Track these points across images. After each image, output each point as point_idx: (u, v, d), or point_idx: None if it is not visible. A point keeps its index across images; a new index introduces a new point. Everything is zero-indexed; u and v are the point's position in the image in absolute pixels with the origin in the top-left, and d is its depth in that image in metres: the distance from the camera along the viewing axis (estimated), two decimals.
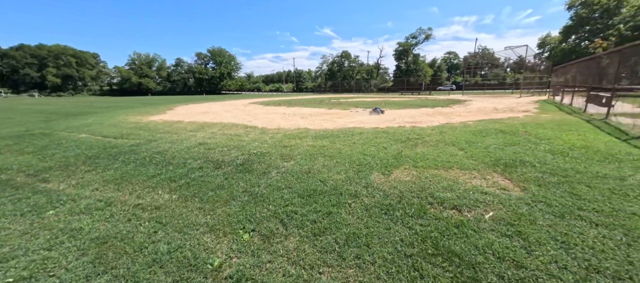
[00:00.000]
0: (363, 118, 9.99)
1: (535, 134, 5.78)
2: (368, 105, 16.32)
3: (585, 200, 2.63)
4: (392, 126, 7.55)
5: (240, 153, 4.77)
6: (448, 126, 7.26)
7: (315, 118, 10.38)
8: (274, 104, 20.10)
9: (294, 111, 13.74)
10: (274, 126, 8.13)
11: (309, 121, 9.23)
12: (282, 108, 16.26)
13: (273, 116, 11.49)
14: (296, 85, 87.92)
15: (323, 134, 6.40)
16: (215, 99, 32.73)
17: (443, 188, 2.99)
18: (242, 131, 7.39)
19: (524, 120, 8.20)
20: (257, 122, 9.37)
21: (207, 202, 2.89)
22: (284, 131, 7.18)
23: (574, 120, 8.01)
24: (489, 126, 7.04)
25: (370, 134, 6.26)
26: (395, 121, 8.72)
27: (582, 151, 4.38)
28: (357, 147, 5.01)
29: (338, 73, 69.64)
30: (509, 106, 14.01)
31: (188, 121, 9.99)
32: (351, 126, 7.86)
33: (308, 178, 3.44)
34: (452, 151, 4.59)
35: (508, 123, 7.59)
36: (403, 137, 5.84)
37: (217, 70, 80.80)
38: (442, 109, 12.93)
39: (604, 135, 5.72)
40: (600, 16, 42.08)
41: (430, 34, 58.20)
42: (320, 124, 8.33)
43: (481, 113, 11.16)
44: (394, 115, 10.63)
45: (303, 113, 12.65)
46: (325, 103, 19.44)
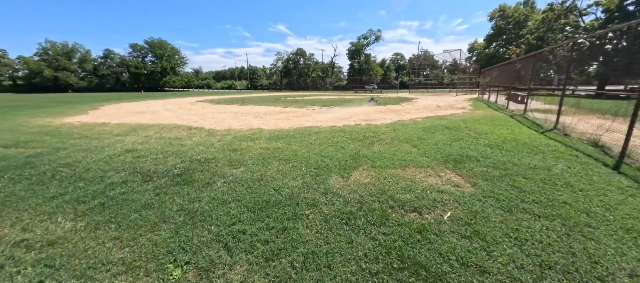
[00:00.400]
0: (320, 116, 9.83)
1: (474, 130, 6.34)
2: (324, 103, 16.32)
3: (525, 192, 2.82)
4: (349, 124, 7.53)
5: (179, 161, 4.07)
6: (400, 124, 7.54)
7: (269, 117, 9.84)
8: (225, 102, 18.69)
9: (247, 109, 12.88)
10: (223, 127, 7.37)
11: (263, 121, 8.67)
12: (234, 106, 15.16)
13: (223, 115, 10.53)
14: (250, 82, 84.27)
15: (278, 135, 5.99)
16: (156, 97, 29.08)
17: (402, 189, 2.92)
18: (184, 133, 6.48)
19: (463, 116, 9.05)
20: (204, 122, 8.41)
21: (127, 229, 2.27)
22: (234, 132, 6.52)
23: (501, 116, 9.15)
24: (436, 123, 7.54)
25: (327, 134, 6.08)
26: (351, 119, 8.76)
27: (513, 144, 4.89)
28: (314, 148, 4.75)
29: (294, 71, 68.94)
30: (449, 103, 15.52)
31: (116, 123, 8.45)
32: (308, 125, 7.59)
33: (260, 187, 3.04)
34: (406, 148, 4.67)
35: (451, 119, 8.25)
36: (360, 135, 5.80)
37: (158, 64, 72.12)
38: (393, 107, 13.62)
39: (526, 128, 6.59)
40: (513, 27, 50.10)
41: (379, 36, 61.72)
42: (275, 124, 7.87)
43: (427, 110, 12.05)
44: (350, 113, 10.74)
45: (257, 111, 11.94)
46: (281, 101, 18.85)
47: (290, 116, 9.87)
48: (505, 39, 51.51)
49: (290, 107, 14.05)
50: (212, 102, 19.02)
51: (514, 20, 49.57)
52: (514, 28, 50.61)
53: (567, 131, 6.08)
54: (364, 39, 62.80)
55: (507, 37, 51.48)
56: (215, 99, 23.61)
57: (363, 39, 62.89)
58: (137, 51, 74.49)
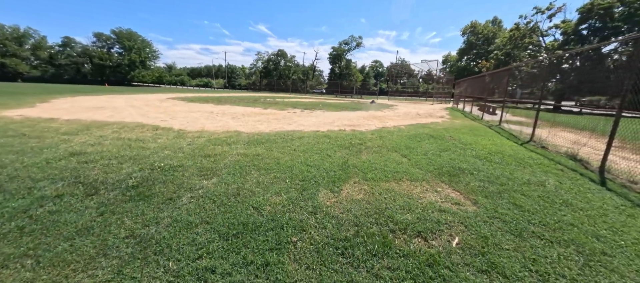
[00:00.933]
0: (302, 119, 9.40)
1: (459, 140, 6.30)
2: (306, 106, 15.92)
3: (528, 211, 2.63)
4: (333, 130, 7.19)
5: (136, 168, 3.41)
6: (385, 130, 7.36)
7: (248, 118, 9.21)
8: (200, 100, 17.54)
9: (223, 109, 12.07)
10: (195, 128, 6.65)
11: (241, 122, 8.04)
12: (209, 105, 14.20)
13: (196, 114, 9.69)
14: (228, 81, 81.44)
15: (258, 139, 5.46)
16: (121, 92, 26.70)
17: (401, 208, 2.59)
18: (149, 134, 5.70)
19: (444, 125, 9.14)
20: (173, 122, 7.59)
21: (49, 267, 1.67)
22: (208, 134, 5.87)
23: (480, 126, 9.39)
24: (420, 131, 7.46)
25: (311, 139, 5.67)
26: (335, 124, 8.44)
27: (499, 156, 4.84)
28: (298, 155, 4.31)
29: (274, 72, 67.77)
30: (427, 111, 15.90)
31: (66, 120, 7.33)
32: (290, 129, 7.13)
33: (236, 205, 2.54)
34: (396, 158, 4.41)
35: (433, 128, 8.26)
36: (346, 142, 5.46)
37: (125, 56, 66.96)
38: (374, 113, 13.59)
39: (506, 140, 6.70)
40: (482, 43, 53.69)
41: (360, 42, 62.90)
42: (254, 127, 7.30)
43: (408, 117, 12.14)
44: (332, 117, 10.44)
45: (234, 112, 11.20)
46: (261, 102, 18.12)
47: (270, 119, 9.33)
48: (476, 54, 55.06)
49: (270, 108, 13.45)
50: (185, 100, 17.77)
51: (484, 37, 53.20)
52: (484, 44, 54.30)
53: (544, 144, 6.27)
54: (346, 45, 63.64)
55: (477, 52, 55.06)
56: (189, 97, 22.18)
57: (344, 44, 63.70)
58: (103, 41, 68.62)
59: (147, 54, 71.81)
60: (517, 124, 10.30)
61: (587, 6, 22.32)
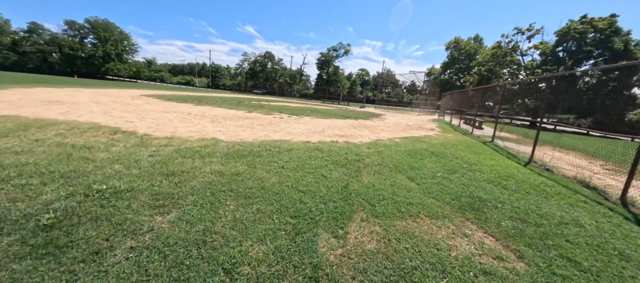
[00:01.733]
0: (289, 126, 8.61)
1: (461, 158, 5.81)
2: (293, 111, 15.13)
3: (590, 271, 2.03)
4: (324, 141, 6.47)
5: (64, 193, 2.47)
6: (381, 144, 6.75)
7: (229, 122, 8.28)
8: (178, 99, 16.20)
9: (202, 110, 11.00)
10: (165, 133, 5.66)
11: (221, 127, 7.12)
12: (187, 105, 13.01)
13: (171, 116, 8.60)
14: (212, 81, 78.81)
15: (239, 151, 4.61)
16: (90, 85, 24.46)
17: (432, 268, 1.89)
18: (103, 139, 4.66)
19: (439, 139, 8.74)
20: (140, 124, 6.52)
21: None
22: (179, 142, 4.93)
23: (474, 141, 9.08)
24: (417, 146, 6.94)
25: (301, 153, 4.91)
26: (325, 133, 7.74)
27: (511, 181, 4.35)
28: (287, 176, 3.54)
29: (261, 74, 66.36)
30: (416, 123, 15.67)
31: (4, 115, 6.05)
32: (277, 138, 6.32)
33: (199, 264, 1.72)
34: (403, 181, 3.76)
35: (430, 143, 7.79)
36: (342, 158, 4.76)
37: (100, 48, 62.70)
38: (365, 122, 13.08)
39: (507, 160, 6.32)
40: (464, 58, 55.87)
41: (349, 50, 63.30)
42: (235, 133, 6.41)
43: (399, 128, 11.73)
44: (322, 125, 9.74)
45: (215, 114, 10.19)
46: (245, 105, 17.09)
47: (254, 124, 8.45)
48: (458, 68, 57.19)
49: (254, 112, 12.53)
50: (162, 98, 16.35)
51: (466, 52, 55.40)
52: (465, 59, 56.57)
53: (547, 166, 5.94)
54: (334, 51, 63.73)
55: (459, 67, 57.22)
56: (167, 94, 20.62)
57: (333, 51, 63.77)
58: (75, 29, 63.94)
59: (124, 47, 67.76)
60: (506, 140, 10.18)
61: (564, 29, 23.54)
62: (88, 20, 62.74)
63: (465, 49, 55.22)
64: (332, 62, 63.57)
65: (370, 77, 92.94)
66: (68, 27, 63.47)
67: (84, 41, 64.50)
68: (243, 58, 70.32)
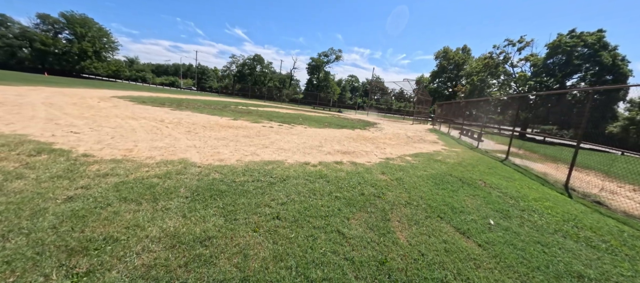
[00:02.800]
0: (281, 138, 7.30)
1: (497, 188, 4.73)
2: (283, 118, 13.80)
3: None
4: (326, 161, 5.22)
5: None
6: (395, 166, 5.58)
7: (210, 134, 6.86)
8: (155, 102, 14.47)
9: (179, 117, 9.47)
10: (117, 151, 4.21)
11: (197, 141, 5.70)
12: (163, 109, 11.41)
13: (137, 124, 7.07)
14: (198, 82, 76.02)
15: (214, 184, 3.26)
16: (57, 83, 22.04)
17: None
18: (12, 165, 3.18)
19: (452, 157, 7.70)
20: (89, 136, 5.01)
21: None
22: (130, 166, 3.52)
23: (489, 160, 8.12)
24: (436, 168, 5.83)
25: (302, 184, 3.63)
26: (324, 149, 6.50)
27: (585, 230, 3.27)
28: (288, 241, 2.25)
29: (249, 77, 64.47)
30: (416, 134, 14.75)
31: None
32: (267, 156, 5.01)
33: None
34: (455, 238, 2.56)
35: (445, 162, 6.73)
36: (355, 193, 3.53)
37: (75, 44, 58.77)
38: (363, 133, 11.98)
39: (543, 187, 5.32)
40: (453, 68, 56.72)
41: (340, 56, 62.79)
42: (214, 150, 5.04)
43: (401, 140, 10.70)
44: (318, 137, 8.49)
45: (193, 122, 8.71)
46: (230, 110, 15.59)
47: (239, 136, 7.08)
48: (447, 77, 57.95)
49: (241, 119, 11.11)
50: (136, 100, 14.56)
51: (455, 62, 56.28)
52: (454, 69, 57.44)
53: (595, 198, 4.97)
54: (325, 57, 63.02)
55: (448, 76, 58.00)
56: (144, 96, 18.72)
57: (324, 56, 63.05)
58: (49, 24, 59.73)
59: (103, 45, 63.98)
60: (514, 155, 9.34)
61: (554, 43, 23.75)
62: (63, 14, 58.81)
63: (454, 59, 56.10)
64: (323, 68, 62.79)
65: (360, 84, 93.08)
66: (41, 21, 59.20)
67: (58, 37, 60.34)
68: (231, 60, 68.13)
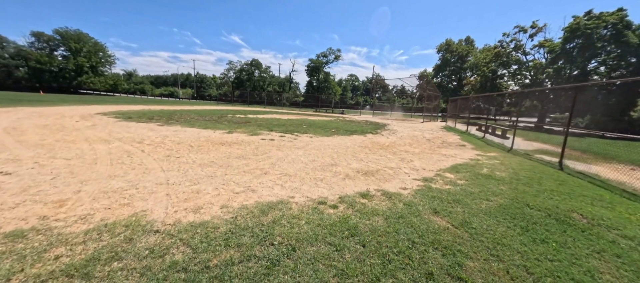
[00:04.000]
0: (284, 157, 5.84)
1: (608, 226, 3.21)
2: (285, 127, 12.35)
3: None
4: (349, 195, 3.75)
5: None
6: (442, 195, 4.07)
7: (194, 158, 5.42)
8: (143, 117, 13.12)
9: (164, 135, 8.06)
10: (35, 209, 2.76)
11: (174, 173, 4.25)
12: (149, 125, 10.04)
13: (101, 148, 5.64)
14: (197, 92, 75.05)
15: (173, 279, 1.81)
16: (42, 102, 20.89)
17: None
18: None
19: (497, 168, 6.17)
20: (12, 177, 3.59)
21: None
22: (39, 240, 2.07)
23: (543, 168, 6.56)
24: (497, 192, 4.32)
25: (321, 253, 2.16)
26: (339, 171, 5.02)
27: None
28: None
29: (247, 83, 63.27)
30: (433, 134, 13.20)
31: None
32: (265, 195, 3.53)
33: None
34: None
35: (504, 180, 5.21)
36: (414, 264, 2.05)
37: (71, 60, 58.05)
38: (376, 139, 10.49)
39: None
40: (456, 60, 54.94)
41: (339, 55, 61.41)
42: (191, 189, 3.58)
43: (423, 146, 9.18)
44: (328, 151, 7.01)
45: (179, 140, 7.29)
46: (227, 121, 14.19)
47: (232, 158, 5.64)
48: (451, 70, 56.16)
49: (237, 132, 9.69)
50: (122, 116, 13.23)
51: (458, 54, 54.49)
52: (458, 61, 55.64)
53: None
54: (324, 57, 61.63)
55: (452, 69, 56.21)
56: (135, 110, 17.42)
57: (322, 57, 61.66)
58: (43, 41, 59.20)
59: (99, 59, 63.30)
60: (572, 159, 7.76)
61: (572, 25, 22.06)
62: (57, 31, 58.23)
63: (457, 51, 54.34)
64: (323, 69, 61.40)
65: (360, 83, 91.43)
66: (35, 39, 58.70)
67: (54, 54, 59.77)
68: (228, 67, 67.03)
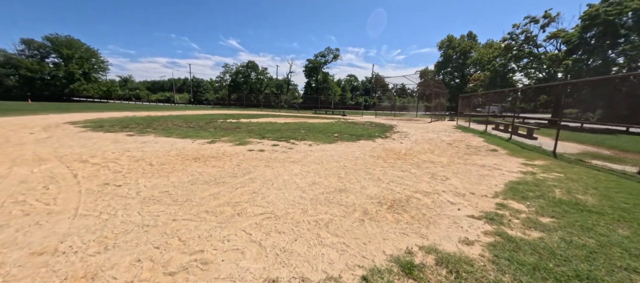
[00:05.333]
0: (273, 179, 4.12)
1: None
2: (280, 133, 10.64)
3: None
4: (377, 267, 2.01)
5: None
6: (539, 250, 2.33)
7: (144, 184, 3.68)
8: (117, 125, 11.42)
9: (128, 147, 6.32)
10: None
11: (92, 219, 2.52)
12: (118, 135, 8.32)
13: (22, 173, 3.92)
14: (194, 96, 73.43)
15: None
16: (26, 110, 19.19)
17: None
18: None
19: (575, 188, 4.44)
20: None
21: None
22: None
23: (624, 182, 4.83)
24: (622, 239, 2.59)
25: None
26: (351, 200, 3.29)
27: None
28: None
29: (244, 85, 61.63)
30: (449, 136, 11.43)
31: None
32: (226, 277, 1.82)
33: None
34: None
35: (606, 216, 3.49)
36: None
37: (61, 67, 56.46)
38: (388, 145, 8.78)
39: None
40: (459, 56, 53.28)
41: (338, 55, 59.76)
42: (93, 257, 1.84)
43: (445, 151, 7.43)
44: (334, 165, 5.27)
45: (142, 154, 5.56)
46: (214, 126, 12.48)
47: (198, 183, 3.91)
48: (454, 67, 54.46)
49: (221, 141, 7.98)
50: (93, 125, 11.52)
51: (461, 51, 52.82)
52: (460, 57, 53.96)
53: None
54: (322, 57, 59.96)
55: (454, 66, 54.51)
56: (115, 118, 15.73)
57: (321, 57, 60.00)
58: (34, 48, 57.64)
59: (92, 65, 61.73)
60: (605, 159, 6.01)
61: (590, 13, 20.35)
62: (48, 37, 56.68)
63: (460, 47, 52.70)
64: (321, 69, 59.74)
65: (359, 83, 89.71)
66: (25, 47, 57.12)
67: (45, 61, 58.18)
68: (224, 70, 65.38)
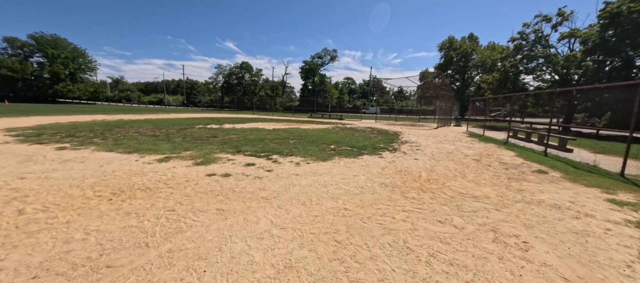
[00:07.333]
0: (218, 244, 2.01)
1: None
2: (263, 143, 8.48)
3: None
4: None
5: None
6: None
7: None
8: (61, 132, 9.20)
9: (35, 168, 4.13)
10: None
11: None
12: (44, 149, 6.11)
13: None
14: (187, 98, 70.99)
15: None
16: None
17: None
18: None
19: None
20: None
21: None
22: None
23: None
24: None
25: None
26: None
27: None
28: None
29: (238, 87, 59.41)
30: (471, 148, 9.35)
31: None
32: None
33: None
34: None
35: None
36: None
37: (46, 67, 53.80)
38: (399, 162, 6.70)
39: None
40: (460, 58, 51.72)
41: (335, 56, 57.93)
42: None
43: (481, 175, 5.31)
44: (324, 199, 3.14)
45: (37, 187, 3.37)
46: (183, 135, 10.30)
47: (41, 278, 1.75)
48: (455, 69, 52.84)
49: (177, 159, 5.82)
50: (31, 133, 9.29)
51: (462, 52, 51.27)
52: (461, 60, 52.38)
53: None
54: (319, 59, 58.06)
55: (456, 68, 52.90)
56: (79, 122, 13.47)
57: (317, 58, 58.09)
58: (17, 47, 54.94)
59: (79, 65, 59.11)
60: None
61: (611, 10, 18.58)
62: (32, 36, 54.06)
63: (461, 48, 51.14)
64: (318, 71, 57.79)
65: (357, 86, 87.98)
66: (8, 45, 54.42)
67: (29, 60, 55.47)
68: (217, 71, 63.12)
